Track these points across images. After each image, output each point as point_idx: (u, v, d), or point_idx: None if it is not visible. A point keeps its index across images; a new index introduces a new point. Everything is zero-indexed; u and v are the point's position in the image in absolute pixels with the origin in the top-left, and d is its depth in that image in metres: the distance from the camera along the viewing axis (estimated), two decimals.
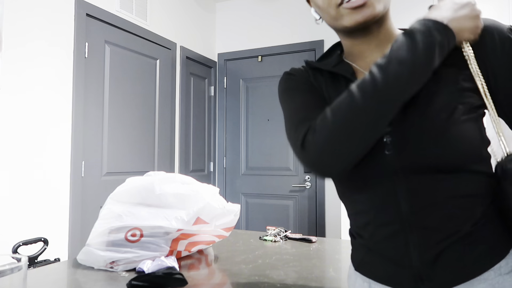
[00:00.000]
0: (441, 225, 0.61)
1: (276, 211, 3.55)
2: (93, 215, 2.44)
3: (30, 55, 2.11)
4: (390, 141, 0.62)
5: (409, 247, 0.63)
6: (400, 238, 0.63)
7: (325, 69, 0.74)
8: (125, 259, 1.05)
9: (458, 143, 0.59)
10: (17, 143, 2.04)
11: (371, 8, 0.62)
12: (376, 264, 0.69)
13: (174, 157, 3.23)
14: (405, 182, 0.62)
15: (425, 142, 0.60)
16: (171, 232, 1.09)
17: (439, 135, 0.59)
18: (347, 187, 0.71)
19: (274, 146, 3.57)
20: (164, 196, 1.15)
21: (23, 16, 2.07)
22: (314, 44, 3.43)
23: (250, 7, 3.74)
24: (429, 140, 0.60)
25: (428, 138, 0.60)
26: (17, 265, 0.47)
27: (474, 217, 0.62)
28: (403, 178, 0.62)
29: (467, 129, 0.60)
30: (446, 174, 0.61)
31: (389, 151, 0.62)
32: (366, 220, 0.68)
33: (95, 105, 2.52)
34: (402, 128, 0.62)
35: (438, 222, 0.61)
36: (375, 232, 0.67)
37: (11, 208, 2.00)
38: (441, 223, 0.61)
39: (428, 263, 0.62)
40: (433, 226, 0.62)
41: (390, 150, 0.62)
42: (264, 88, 3.65)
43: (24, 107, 2.08)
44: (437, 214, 0.61)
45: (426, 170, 0.61)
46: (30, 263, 1.28)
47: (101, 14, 2.56)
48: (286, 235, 1.50)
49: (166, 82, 3.15)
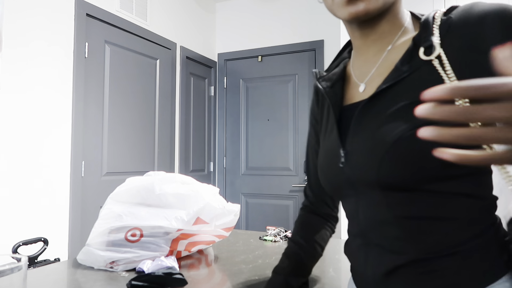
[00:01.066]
0: (394, 245, 0.58)
1: (276, 211, 3.55)
2: (93, 215, 2.44)
3: (30, 55, 2.11)
4: (344, 154, 0.62)
5: (368, 261, 0.62)
6: (362, 251, 0.64)
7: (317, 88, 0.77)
8: (125, 259, 1.05)
9: (402, 162, 0.53)
10: (17, 143, 2.04)
11: (365, 3, 0.57)
12: (353, 271, 0.70)
13: (174, 157, 3.23)
14: (363, 197, 0.61)
15: (371, 158, 0.57)
16: (171, 232, 1.09)
17: (381, 151, 0.55)
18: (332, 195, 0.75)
19: (274, 146, 3.57)
20: (164, 196, 1.15)
21: (23, 16, 2.07)
22: (314, 44, 3.43)
23: (250, 7, 3.74)
24: (373, 155, 0.56)
25: (371, 153, 0.57)
26: (17, 265, 0.47)
27: (433, 243, 0.54)
28: (362, 192, 0.61)
29: (417, 147, 0.52)
30: (397, 192, 0.56)
31: (342, 164, 0.63)
32: (349, 229, 0.70)
33: (95, 105, 2.52)
34: (353, 142, 0.61)
35: (391, 241, 0.58)
36: (350, 241, 0.69)
37: (11, 208, 2.00)
38: (393, 243, 0.58)
39: (379, 282, 0.60)
40: (386, 244, 0.59)
41: (343, 163, 0.62)
42: (264, 88, 3.65)
43: (24, 107, 2.08)
44: (390, 233, 0.58)
45: (373, 186, 0.58)
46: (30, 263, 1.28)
47: (101, 14, 2.56)
48: (286, 235, 1.50)
49: (166, 82, 3.15)
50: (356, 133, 0.61)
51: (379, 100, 0.58)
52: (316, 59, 3.44)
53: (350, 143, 0.62)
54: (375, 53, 0.65)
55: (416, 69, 0.56)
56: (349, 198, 0.65)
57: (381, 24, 0.62)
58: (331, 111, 0.68)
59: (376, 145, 0.56)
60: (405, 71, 0.56)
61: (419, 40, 0.57)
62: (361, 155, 0.59)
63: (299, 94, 3.51)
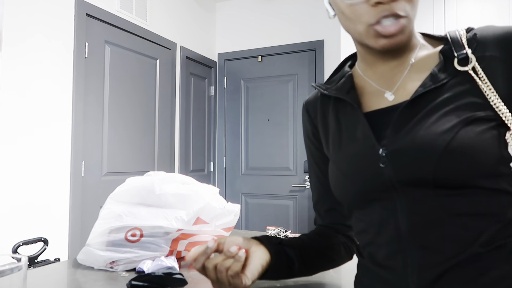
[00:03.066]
0: (444, 245, 0.56)
1: (276, 211, 3.55)
2: (93, 215, 2.44)
3: (31, 55, 2.11)
4: (386, 154, 0.61)
5: (407, 268, 0.59)
6: (399, 258, 0.60)
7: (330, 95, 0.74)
8: (125, 259, 1.05)
9: (458, 158, 0.55)
10: (17, 143, 2.04)
11: (403, 36, 0.61)
12: (374, 286, 0.66)
13: (174, 157, 3.23)
14: (404, 198, 0.60)
15: (422, 155, 0.57)
16: (171, 232, 1.09)
17: (436, 149, 0.56)
18: (350, 205, 0.69)
19: (274, 146, 3.57)
20: (164, 196, 1.15)
21: (23, 15, 2.07)
22: (314, 44, 3.43)
23: (250, 7, 3.74)
24: (427, 153, 0.57)
25: (425, 151, 0.57)
26: (17, 265, 0.47)
27: (485, 239, 0.56)
28: (402, 193, 0.60)
29: (471, 144, 0.55)
30: (449, 190, 0.57)
31: (384, 163, 0.60)
32: (366, 240, 0.67)
33: (95, 105, 2.52)
34: (399, 140, 0.60)
35: (440, 242, 0.57)
36: (374, 252, 0.65)
37: (11, 208, 2.00)
38: (443, 243, 0.57)
39: (426, 286, 0.57)
40: (434, 246, 0.57)
41: (385, 163, 0.60)
42: (264, 88, 3.65)
43: (24, 107, 2.08)
44: (439, 233, 0.57)
45: (425, 184, 0.57)
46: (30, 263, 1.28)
47: (101, 14, 2.56)
48: (286, 235, 1.50)
49: (166, 82, 3.15)
50: (399, 133, 0.61)
51: (417, 103, 0.61)
52: (316, 59, 3.44)
53: (392, 143, 0.61)
54: (394, 66, 0.68)
55: (452, 77, 0.60)
56: (378, 202, 0.63)
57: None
58: (356, 115, 0.67)
59: (430, 144, 0.57)
60: (443, 78, 0.60)
61: (449, 52, 0.62)
62: (411, 154, 0.58)
63: (299, 94, 3.51)
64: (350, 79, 0.72)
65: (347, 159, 0.67)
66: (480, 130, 0.56)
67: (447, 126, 0.57)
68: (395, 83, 0.67)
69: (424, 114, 0.60)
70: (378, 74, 0.70)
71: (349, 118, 0.69)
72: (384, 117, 0.65)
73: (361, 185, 0.64)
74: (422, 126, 0.59)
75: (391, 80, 0.68)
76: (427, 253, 0.57)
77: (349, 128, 0.69)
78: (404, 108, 0.61)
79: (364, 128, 0.65)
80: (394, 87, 0.67)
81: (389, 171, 0.60)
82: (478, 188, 0.56)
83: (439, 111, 0.59)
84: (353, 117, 0.68)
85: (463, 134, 0.56)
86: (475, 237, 0.56)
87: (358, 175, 0.64)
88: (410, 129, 0.60)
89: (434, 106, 0.59)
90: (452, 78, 0.60)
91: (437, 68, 0.61)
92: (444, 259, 0.56)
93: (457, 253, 0.56)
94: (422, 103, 0.60)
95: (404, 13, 0.59)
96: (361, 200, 0.66)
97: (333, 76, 0.79)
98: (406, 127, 0.60)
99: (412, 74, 0.65)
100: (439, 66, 0.61)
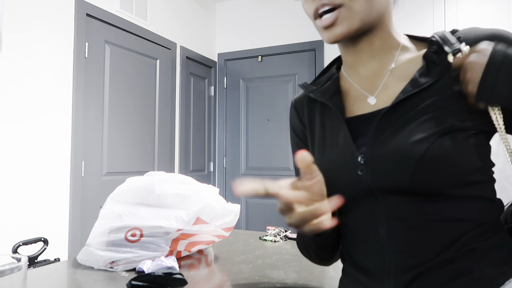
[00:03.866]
0: (419, 250, 0.58)
1: (276, 211, 3.53)
2: (93, 215, 2.44)
3: (31, 55, 2.11)
4: (364, 161, 0.61)
5: (384, 272, 0.60)
6: (377, 262, 0.62)
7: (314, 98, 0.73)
8: (125, 259, 1.05)
9: (434, 168, 0.56)
10: (17, 143, 2.04)
11: (341, 27, 0.60)
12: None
13: (174, 157, 3.23)
14: (383, 204, 0.61)
15: (398, 164, 0.58)
16: (171, 232, 1.09)
17: (412, 158, 0.57)
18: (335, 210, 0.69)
19: (274, 146, 3.57)
20: (164, 196, 1.15)
21: (23, 15, 2.07)
22: (314, 44, 3.43)
23: (250, 7, 3.74)
24: (403, 162, 0.57)
25: (401, 160, 0.58)
26: (17, 265, 0.47)
27: (459, 243, 0.57)
28: (381, 199, 0.61)
29: (447, 154, 0.56)
30: (425, 197, 0.58)
31: (362, 171, 0.61)
32: (348, 244, 0.68)
33: (95, 105, 2.53)
34: (376, 147, 0.60)
35: (416, 246, 0.58)
36: (354, 257, 0.66)
37: (11, 208, 2.00)
38: (419, 248, 0.58)
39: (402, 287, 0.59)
40: (411, 250, 0.59)
41: (363, 170, 0.61)
42: (264, 88, 3.65)
43: (25, 107, 2.08)
44: (416, 238, 0.58)
45: (402, 192, 0.59)
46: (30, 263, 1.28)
47: (101, 14, 2.56)
48: (286, 235, 1.50)
49: (166, 82, 3.15)
50: (377, 141, 0.61)
51: (397, 110, 0.60)
52: (316, 59, 3.44)
53: (370, 151, 0.61)
54: (375, 69, 0.67)
55: (434, 82, 0.60)
56: (361, 209, 0.64)
57: (373, 41, 0.66)
58: (339, 120, 0.67)
59: (406, 153, 0.57)
60: (424, 83, 0.59)
61: (432, 56, 0.61)
62: (388, 162, 0.59)
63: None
64: (336, 82, 0.72)
65: (329, 164, 0.67)
66: (456, 141, 0.56)
67: (424, 136, 0.57)
68: (377, 87, 0.66)
69: (403, 122, 0.59)
70: (360, 76, 0.69)
71: (333, 123, 0.69)
72: (365, 123, 0.64)
73: (342, 191, 0.63)
74: (399, 134, 0.59)
75: (373, 83, 0.67)
76: (403, 257, 0.59)
77: (332, 133, 0.68)
78: (384, 115, 0.61)
79: (345, 134, 0.65)
80: (376, 91, 0.66)
81: (367, 178, 0.61)
82: (452, 196, 0.58)
83: (418, 119, 0.58)
84: (336, 122, 0.68)
85: (438, 144, 0.56)
86: (450, 241, 0.57)
87: (339, 182, 0.64)
88: (387, 137, 0.60)
89: (414, 113, 0.59)
90: (434, 83, 0.59)
91: (418, 73, 0.61)
92: (419, 263, 0.58)
93: (432, 257, 0.58)
94: (402, 109, 0.60)
95: (340, 1, 0.59)
96: (342, 207, 0.64)
97: (320, 77, 0.78)
98: (383, 135, 0.60)
99: (393, 79, 0.65)
100: (421, 71, 0.61)
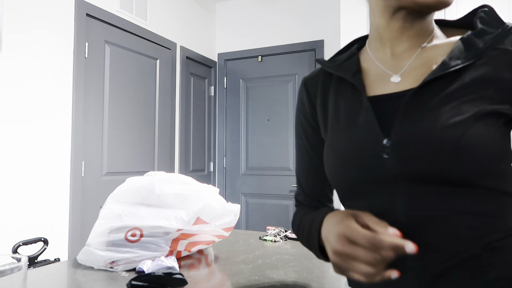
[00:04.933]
0: (444, 244, 0.55)
1: (276, 211, 3.55)
2: (93, 215, 2.44)
3: (31, 55, 2.11)
4: (390, 144, 0.57)
5: (405, 266, 0.56)
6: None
7: (329, 71, 0.71)
8: (125, 259, 1.05)
9: (468, 155, 0.53)
10: (17, 143, 2.04)
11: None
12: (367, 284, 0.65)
13: (174, 157, 3.23)
14: (405, 192, 0.57)
15: (430, 149, 0.55)
16: (171, 232, 1.10)
17: (446, 143, 0.54)
18: (345, 193, 0.67)
19: (274, 146, 3.57)
20: (164, 196, 1.15)
21: (22, 16, 2.07)
22: (314, 44, 3.43)
23: (250, 7, 3.74)
24: (436, 147, 0.54)
25: (434, 145, 0.54)
26: (17, 265, 0.47)
27: (486, 239, 0.55)
28: (404, 186, 0.57)
29: (481, 141, 0.54)
30: (453, 187, 0.55)
31: (387, 154, 0.57)
32: None
33: (95, 105, 2.53)
34: (405, 130, 0.57)
35: (441, 240, 0.55)
36: None
37: (11, 208, 2.00)
38: (444, 241, 0.55)
39: (425, 285, 0.56)
40: (435, 244, 0.55)
41: (389, 153, 0.57)
42: (264, 88, 3.65)
43: (24, 107, 2.08)
44: (440, 231, 0.55)
45: (429, 179, 0.55)
46: (30, 263, 1.28)
47: (101, 14, 2.56)
48: (286, 235, 1.50)
49: (166, 82, 3.15)
50: (405, 123, 0.57)
51: (425, 92, 0.58)
52: (315, 59, 3.44)
53: (398, 133, 0.57)
54: (405, 50, 0.65)
55: (466, 66, 0.57)
56: (378, 194, 0.60)
57: (423, 23, 0.64)
58: (359, 99, 0.64)
59: (439, 138, 0.54)
60: (455, 65, 0.57)
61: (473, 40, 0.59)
62: (418, 146, 0.55)
63: None
64: (357, 61, 0.69)
65: (346, 146, 0.63)
66: (490, 127, 0.55)
67: (457, 120, 0.54)
68: (402, 68, 0.64)
69: (433, 104, 0.56)
70: (386, 55, 0.67)
71: (350, 101, 0.66)
72: (388, 104, 0.61)
73: (359, 175, 0.61)
74: (431, 117, 0.56)
75: (398, 64, 0.65)
76: (427, 251, 0.56)
77: (349, 112, 0.65)
78: (412, 95, 0.58)
79: (367, 114, 0.61)
80: (400, 72, 0.64)
81: (391, 162, 0.57)
82: (482, 187, 0.55)
83: (450, 103, 0.56)
84: (354, 101, 0.65)
85: (474, 130, 0.54)
86: (476, 237, 0.55)
87: (357, 164, 0.61)
88: (418, 119, 0.57)
89: (444, 96, 0.56)
90: (467, 67, 0.57)
91: (448, 57, 0.59)
92: (445, 258, 0.55)
93: (458, 252, 0.55)
94: (431, 91, 0.57)
95: None
96: (357, 190, 0.63)
97: (337, 56, 0.75)
98: (413, 117, 0.57)
99: (420, 61, 0.63)
100: (451, 55, 0.59)
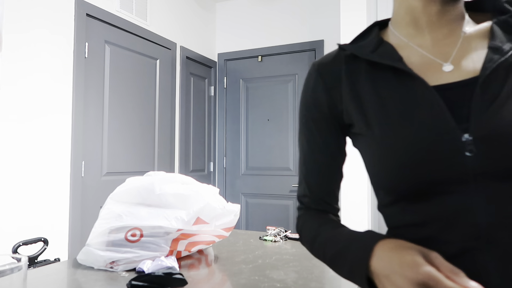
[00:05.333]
0: None
1: (276, 211, 3.55)
2: (93, 215, 2.44)
3: (31, 55, 2.11)
4: (471, 141, 0.52)
5: (486, 269, 0.51)
6: (472, 258, 0.52)
7: (363, 58, 0.64)
8: (125, 259, 1.05)
9: None
10: (17, 143, 2.04)
11: None
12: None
13: (174, 157, 3.23)
14: (485, 190, 0.52)
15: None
16: (171, 232, 1.10)
17: None
18: (404, 196, 0.59)
19: (274, 146, 3.57)
20: (164, 196, 1.15)
21: (22, 16, 2.07)
22: (314, 44, 3.43)
23: (250, 7, 3.74)
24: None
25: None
26: (17, 265, 0.47)
27: None
28: (483, 185, 0.52)
29: None
30: None
31: (471, 152, 0.52)
32: (421, 235, 0.57)
33: (95, 105, 2.53)
34: (486, 124, 0.52)
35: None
36: (435, 250, 0.54)
37: (11, 208, 2.00)
38: None
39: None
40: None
41: (472, 151, 0.52)
42: (264, 88, 3.65)
43: (25, 107, 2.08)
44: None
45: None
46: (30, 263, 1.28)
47: (101, 14, 2.56)
48: (286, 235, 1.50)
49: (166, 82, 3.15)
50: (483, 116, 0.53)
51: (491, 81, 0.54)
52: (316, 59, 3.44)
53: (479, 128, 0.52)
54: (446, 36, 0.61)
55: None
56: (451, 194, 0.54)
57: (459, 6, 0.61)
58: (414, 90, 0.58)
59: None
60: (508, 50, 0.54)
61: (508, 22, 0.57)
62: (504, 141, 0.51)
63: (299, 94, 3.51)
64: (391, 48, 0.62)
65: (405, 143, 0.56)
66: None
67: None
68: (449, 55, 0.59)
69: (506, 95, 0.53)
70: (428, 41, 0.61)
71: (399, 91, 0.59)
72: (450, 95, 0.56)
73: (429, 175, 0.55)
74: (510, 109, 0.51)
75: (443, 50, 0.60)
76: (510, 256, 0.51)
77: (401, 105, 0.58)
78: (482, 85, 0.53)
79: (435, 107, 0.55)
80: (449, 59, 0.59)
81: (475, 160, 0.52)
82: None
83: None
84: (407, 91, 0.58)
85: None
86: None
87: (425, 164, 0.55)
88: (496, 112, 0.52)
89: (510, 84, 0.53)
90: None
91: (498, 40, 0.55)
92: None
93: None
94: (495, 80, 0.54)
95: None
96: (423, 192, 0.56)
97: (357, 41, 0.68)
98: (490, 110, 0.52)
99: (467, 47, 0.59)
100: (498, 39, 0.56)
